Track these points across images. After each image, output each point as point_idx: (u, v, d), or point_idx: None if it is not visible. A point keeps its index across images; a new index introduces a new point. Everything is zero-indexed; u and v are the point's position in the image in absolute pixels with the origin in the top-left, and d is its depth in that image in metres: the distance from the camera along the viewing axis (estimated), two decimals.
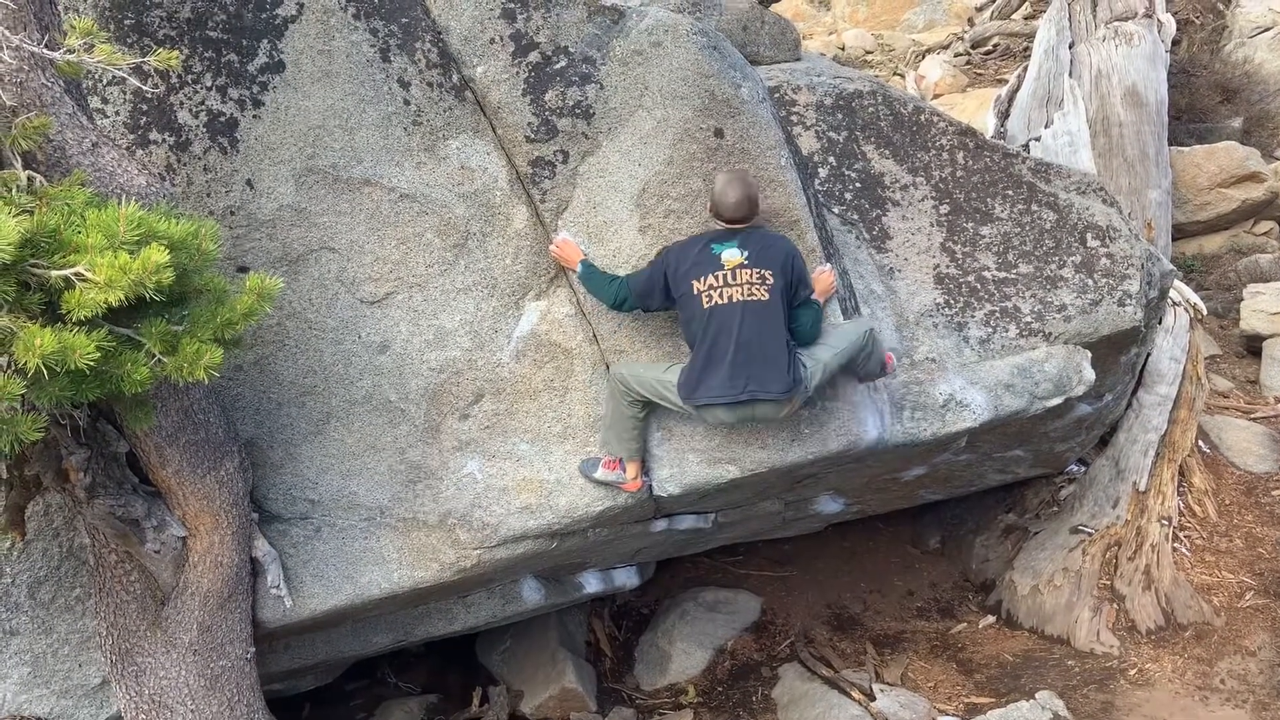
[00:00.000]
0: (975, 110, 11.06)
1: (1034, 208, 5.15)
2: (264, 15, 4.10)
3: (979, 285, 5.05)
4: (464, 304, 4.28)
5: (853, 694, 5.60)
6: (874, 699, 5.53)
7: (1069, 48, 10.29)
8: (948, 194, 5.10)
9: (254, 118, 4.12)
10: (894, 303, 4.92)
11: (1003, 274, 5.08)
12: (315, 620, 4.32)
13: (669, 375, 4.04)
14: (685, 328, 4.08)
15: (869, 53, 14.35)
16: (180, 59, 3.34)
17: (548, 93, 4.22)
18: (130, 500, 3.66)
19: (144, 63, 3.17)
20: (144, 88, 3.69)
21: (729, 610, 6.54)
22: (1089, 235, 5.14)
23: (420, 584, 4.31)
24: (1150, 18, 10.58)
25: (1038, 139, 9.11)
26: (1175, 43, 11.30)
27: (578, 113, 4.24)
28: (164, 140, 4.08)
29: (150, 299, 2.61)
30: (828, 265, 4.36)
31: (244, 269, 4.08)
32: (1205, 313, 7.60)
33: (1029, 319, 5.06)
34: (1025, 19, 13.57)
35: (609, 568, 5.72)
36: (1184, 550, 6.24)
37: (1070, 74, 9.82)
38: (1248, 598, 5.96)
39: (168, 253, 2.60)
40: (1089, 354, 5.10)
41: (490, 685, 6.03)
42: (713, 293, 3.90)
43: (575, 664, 5.98)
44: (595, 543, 4.76)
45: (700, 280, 3.92)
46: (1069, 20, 10.85)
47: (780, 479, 4.76)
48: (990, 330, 5.03)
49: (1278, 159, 10.34)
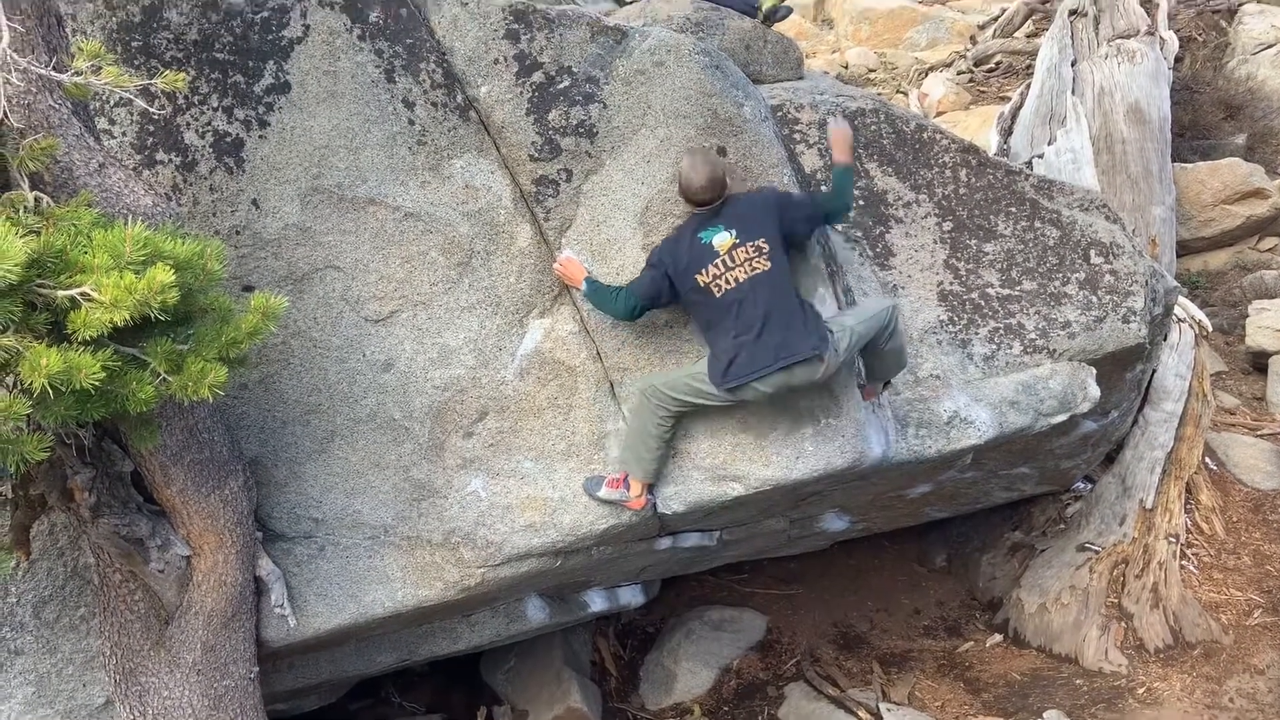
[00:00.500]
0: (978, 128, 11.10)
1: (1037, 224, 5.15)
2: (270, 37, 4.13)
3: (983, 302, 5.05)
4: (468, 322, 4.30)
5: (859, 713, 5.57)
6: (881, 718, 5.50)
7: (1071, 65, 10.32)
8: (951, 211, 5.11)
9: (260, 138, 4.15)
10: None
11: (1006, 291, 5.08)
12: (319, 639, 4.31)
13: (699, 368, 4.10)
14: (700, 319, 4.13)
15: (872, 71, 14.41)
16: (187, 80, 3.36)
17: (551, 112, 4.25)
18: (135, 519, 3.66)
19: (151, 84, 3.20)
20: (151, 109, 3.71)
21: (734, 629, 6.52)
22: (1092, 252, 5.14)
23: (424, 603, 4.30)
24: (1153, 35, 10.62)
25: (1041, 156, 9.13)
26: (1178, 60, 11.33)
27: (581, 131, 4.26)
28: (170, 160, 4.10)
29: (155, 318, 2.62)
30: (841, 121, 4.41)
31: (249, 288, 4.10)
32: (1210, 329, 7.60)
33: (1033, 336, 5.06)
34: (1027, 37, 13.63)
35: (614, 586, 5.71)
36: (1192, 568, 6.21)
37: (1073, 91, 9.85)
38: (1256, 615, 5.93)
39: (173, 272, 2.61)
40: (1094, 371, 5.09)
41: (495, 705, 6.02)
42: (719, 281, 3.96)
43: (580, 683, 5.95)
44: (600, 561, 4.75)
45: (703, 273, 3.96)
46: (1071, 38, 10.89)
47: (785, 497, 4.75)
48: (994, 347, 5.03)
49: None
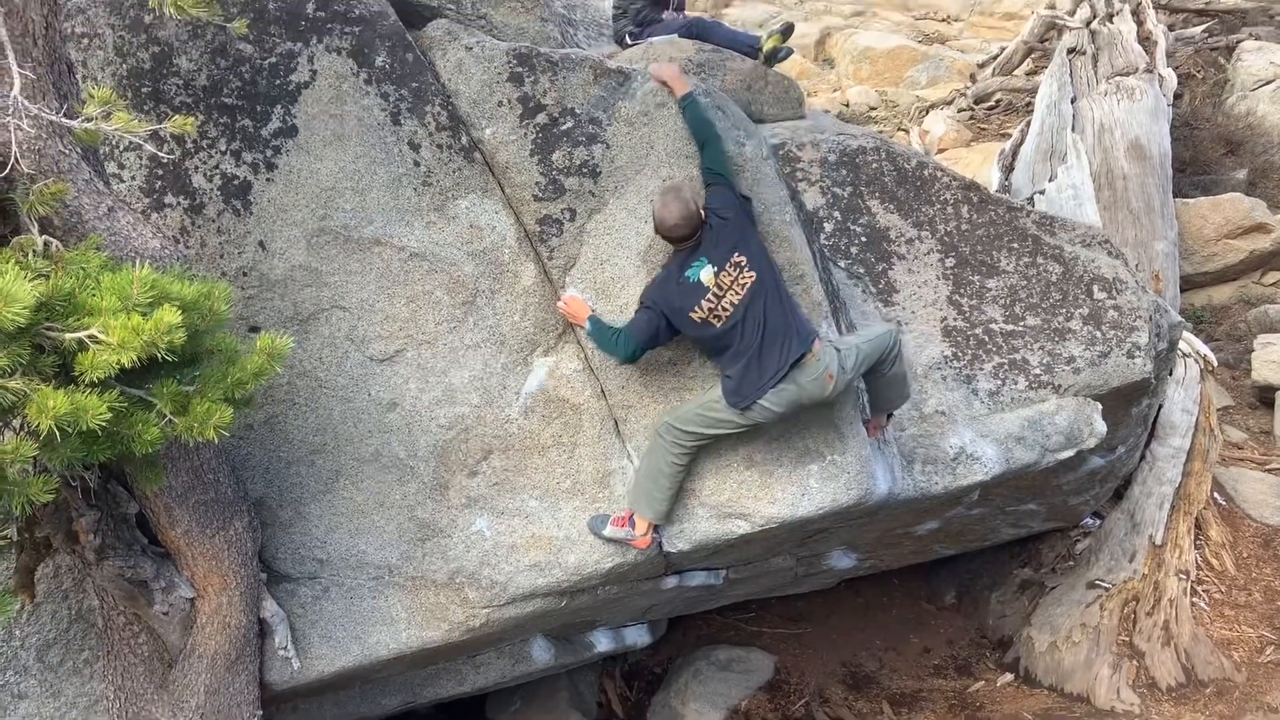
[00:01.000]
0: (980, 164, 11.18)
1: (1039, 260, 5.17)
2: (278, 82, 4.19)
3: (987, 338, 5.06)
4: (473, 361, 4.31)
5: None
6: None
7: (1071, 102, 10.42)
8: (953, 247, 5.13)
9: (267, 180, 4.20)
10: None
11: (1010, 326, 5.09)
12: (323, 682, 4.28)
13: (711, 395, 4.11)
14: (708, 350, 4.18)
15: (873, 109, 14.54)
16: (196, 124, 3.41)
17: (555, 153, 4.29)
18: (139, 561, 3.66)
19: (160, 129, 3.24)
20: (160, 153, 3.76)
21: (742, 669, 6.46)
22: (1095, 287, 5.15)
23: (429, 644, 4.27)
24: (1151, 72, 10.73)
25: (1042, 192, 9.19)
26: (1177, 96, 11.44)
27: (584, 171, 4.30)
28: (179, 203, 4.15)
29: (162, 360, 2.63)
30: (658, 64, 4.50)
31: (255, 328, 4.12)
32: (1216, 364, 7.59)
33: (1038, 371, 5.06)
34: (1027, 75, 13.78)
35: (620, 626, 5.67)
36: (1203, 605, 6.16)
37: (1073, 128, 9.93)
38: (1268, 653, 5.86)
39: (180, 314, 2.63)
40: (1099, 406, 5.08)
41: None
42: (717, 312, 3.97)
43: None
44: (605, 600, 4.72)
45: (698, 309, 3.97)
46: (1070, 76, 11.01)
47: (791, 534, 4.73)
48: (999, 382, 5.03)
49: None
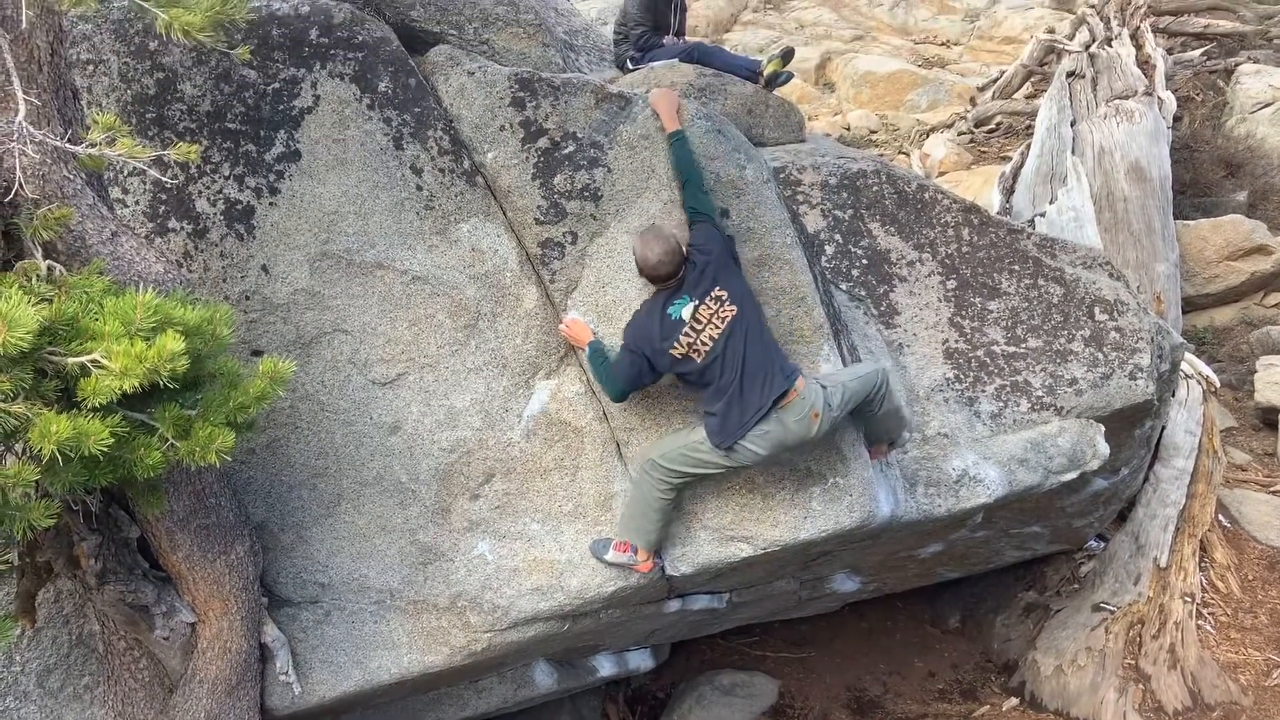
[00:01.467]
0: (980, 187, 11.22)
1: (1040, 282, 5.18)
2: (281, 107, 4.22)
3: (988, 360, 5.06)
4: (475, 384, 4.31)
5: None
6: None
7: (1071, 125, 10.47)
8: (954, 270, 5.14)
9: (270, 205, 4.22)
10: (904, 378, 4.92)
11: (1012, 348, 5.09)
12: (324, 707, 4.25)
13: (695, 436, 4.03)
14: (689, 387, 4.09)
15: (874, 132, 14.61)
16: (199, 150, 3.43)
17: (556, 176, 4.31)
18: (140, 586, 3.65)
19: (164, 155, 3.26)
20: (163, 178, 3.78)
21: (746, 693, 6.41)
22: (1097, 309, 5.16)
23: (430, 668, 4.25)
24: (1150, 95, 10.79)
25: (1043, 215, 9.21)
26: (1177, 119, 11.49)
27: (586, 195, 4.32)
28: (182, 228, 4.17)
29: (165, 384, 2.64)
30: (660, 90, 4.46)
31: (258, 352, 4.13)
32: (1218, 385, 7.59)
33: (1040, 393, 5.05)
34: (1026, 98, 13.85)
35: (623, 650, 5.64)
36: (1208, 627, 6.12)
37: (1073, 151, 9.97)
38: (1275, 676, 5.82)
39: (183, 340, 2.63)
40: (1102, 428, 5.07)
41: None
42: (696, 346, 3.90)
43: None
44: (608, 624, 4.70)
45: (678, 344, 3.91)
46: (1070, 99, 11.07)
47: (794, 557, 4.71)
48: (1001, 405, 5.02)
49: None
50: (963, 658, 6.74)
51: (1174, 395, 6.84)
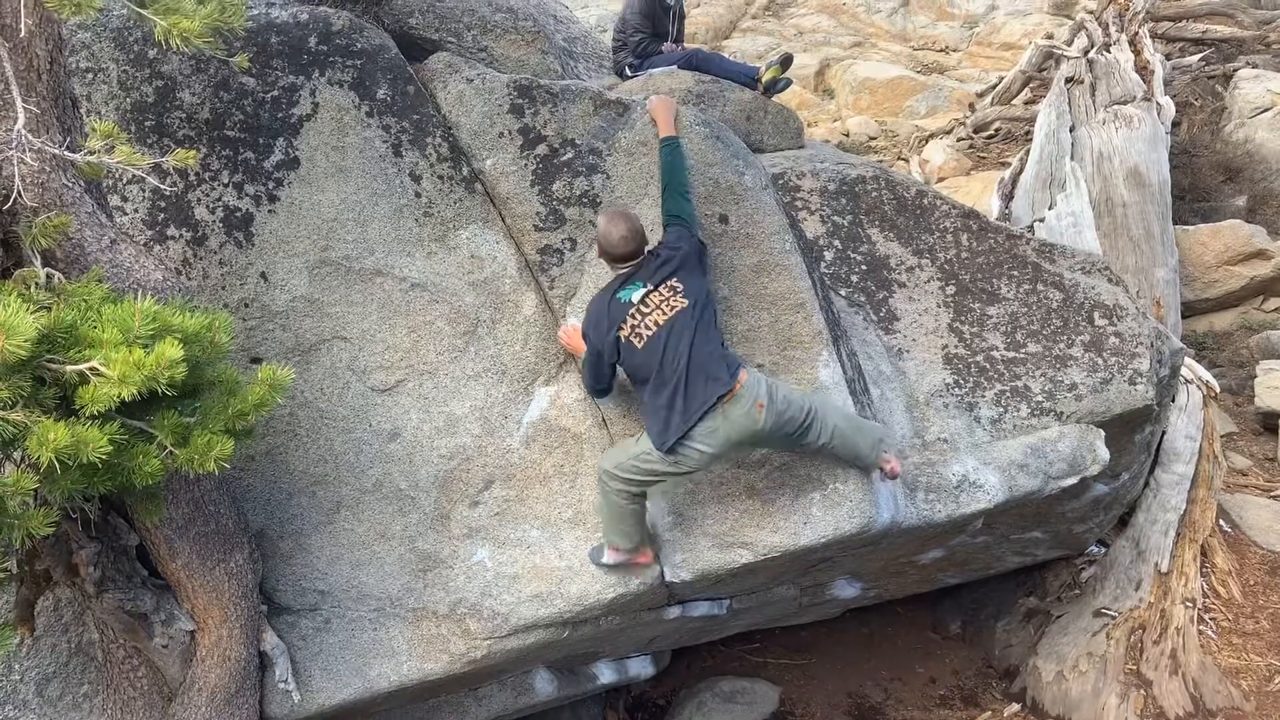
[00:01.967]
0: (980, 193, 11.24)
1: (1040, 288, 5.18)
2: (280, 114, 4.23)
3: (988, 365, 5.06)
4: (474, 390, 4.31)
5: None
6: None
7: (1070, 131, 10.48)
8: (953, 275, 5.14)
9: (269, 212, 4.22)
10: (903, 383, 4.92)
11: (1011, 353, 5.09)
12: (323, 715, 4.24)
13: (642, 445, 3.94)
14: (635, 380, 4.00)
15: (873, 139, 14.64)
16: (198, 158, 3.44)
17: (555, 183, 4.32)
18: (139, 594, 3.64)
19: (163, 162, 3.27)
20: (162, 186, 3.79)
21: (747, 700, 6.40)
22: (1096, 314, 5.16)
23: (430, 676, 4.24)
24: (1149, 101, 10.80)
25: (1042, 220, 9.23)
26: (1175, 124, 11.50)
27: (585, 201, 4.32)
28: (181, 235, 4.17)
29: (163, 392, 2.64)
30: (658, 96, 4.45)
31: (257, 360, 4.13)
32: (1218, 390, 7.57)
33: (1040, 398, 5.05)
34: (1025, 104, 13.87)
35: (623, 657, 5.62)
36: (1210, 633, 6.10)
37: (1072, 156, 9.99)
38: (1277, 681, 5.80)
39: (181, 347, 2.63)
40: (1102, 433, 5.07)
41: None
42: (639, 329, 3.83)
43: None
44: (608, 631, 4.69)
45: (623, 327, 3.85)
46: (1069, 104, 11.08)
47: (794, 563, 4.70)
48: (1001, 410, 5.02)
49: None
50: (964, 664, 6.73)
51: (1174, 400, 6.83)
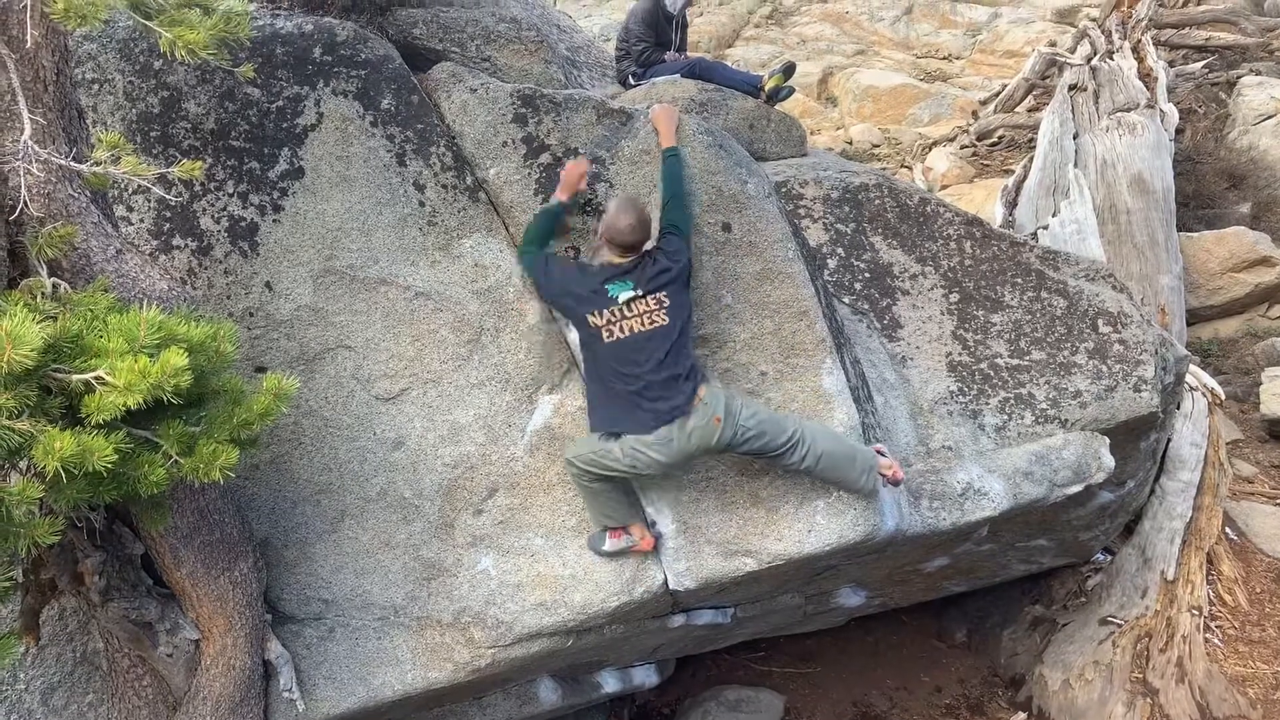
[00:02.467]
0: (983, 200, 11.24)
1: (1044, 295, 5.18)
2: (285, 125, 4.24)
3: (992, 372, 5.05)
4: (478, 399, 4.32)
5: None
6: None
7: (1073, 138, 10.49)
8: (957, 283, 5.14)
9: (274, 222, 4.23)
10: (907, 391, 4.92)
11: (1015, 361, 5.09)
12: None
13: (605, 444, 4.00)
14: (586, 362, 4.11)
15: (876, 146, 14.65)
16: (203, 168, 3.45)
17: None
18: (144, 603, 3.65)
19: (168, 173, 3.28)
20: (168, 196, 3.80)
21: (751, 709, 6.38)
22: (1100, 321, 5.15)
23: (434, 685, 4.24)
24: (1153, 108, 10.81)
25: (1046, 227, 9.23)
26: (1179, 131, 11.51)
27: (588, 210, 4.33)
28: (186, 245, 4.18)
29: (169, 401, 2.65)
30: (660, 104, 4.52)
31: (262, 369, 4.14)
32: (1224, 397, 7.56)
33: (1044, 406, 5.04)
34: (1029, 111, 13.88)
35: (627, 666, 5.62)
36: (1216, 641, 6.08)
37: (1075, 164, 9.99)
38: None
39: (186, 356, 2.64)
40: (1107, 440, 5.06)
41: None
42: (611, 327, 3.90)
43: None
44: (612, 639, 4.69)
45: (596, 314, 3.91)
46: (1072, 112, 11.09)
47: (799, 571, 4.70)
48: (1006, 417, 5.01)
49: None
50: (970, 672, 6.71)
51: (1179, 408, 6.82)
